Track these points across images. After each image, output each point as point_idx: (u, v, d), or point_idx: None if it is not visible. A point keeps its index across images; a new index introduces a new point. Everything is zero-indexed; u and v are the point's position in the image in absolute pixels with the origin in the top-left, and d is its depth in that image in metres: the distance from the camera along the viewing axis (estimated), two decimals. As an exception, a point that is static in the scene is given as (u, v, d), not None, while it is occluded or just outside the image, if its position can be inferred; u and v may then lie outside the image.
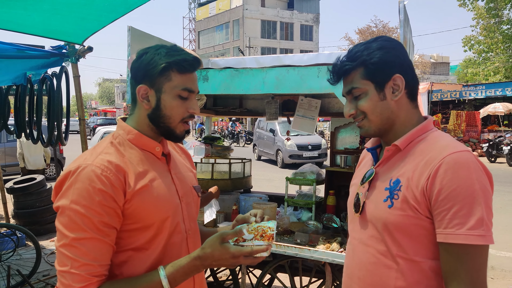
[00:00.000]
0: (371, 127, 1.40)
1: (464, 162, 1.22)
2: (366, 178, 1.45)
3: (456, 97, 23.24)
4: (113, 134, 1.45)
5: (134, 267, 1.34)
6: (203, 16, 56.90)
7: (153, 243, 1.36)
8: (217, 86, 3.03)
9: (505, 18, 28.03)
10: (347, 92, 1.42)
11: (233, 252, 1.25)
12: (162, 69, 1.36)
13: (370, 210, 1.39)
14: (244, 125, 36.23)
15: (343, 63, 1.39)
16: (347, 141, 3.88)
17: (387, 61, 1.35)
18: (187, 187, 1.52)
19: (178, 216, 1.43)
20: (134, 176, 1.34)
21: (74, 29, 3.53)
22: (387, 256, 1.33)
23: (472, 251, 1.18)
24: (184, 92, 1.39)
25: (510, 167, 15.90)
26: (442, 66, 56.56)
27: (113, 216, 1.28)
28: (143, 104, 1.41)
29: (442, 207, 1.20)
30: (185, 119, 1.43)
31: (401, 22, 2.77)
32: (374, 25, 40.12)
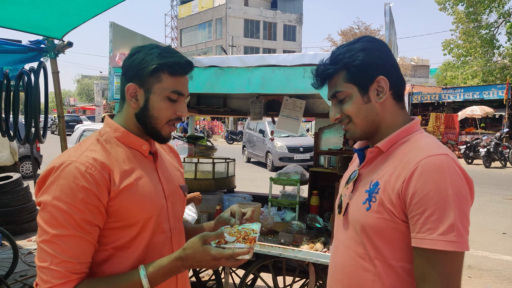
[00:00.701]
0: (357, 131, 1.39)
1: (439, 166, 1.19)
2: (350, 179, 1.44)
3: (435, 100, 23.64)
4: (99, 131, 1.43)
5: (114, 265, 1.33)
6: (186, 13, 56.54)
7: (135, 242, 1.35)
8: (201, 84, 3.00)
9: (483, 22, 28.65)
10: (331, 96, 1.40)
11: (214, 254, 1.25)
12: (153, 70, 1.35)
13: (351, 212, 1.38)
14: (227, 124, 36.18)
15: (326, 66, 1.37)
16: (331, 142, 3.88)
17: (369, 63, 1.33)
18: (173, 186, 1.51)
19: (163, 215, 1.42)
20: (120, 174, 1.32)
21: (53, 23, 3.43)
22: (365, 259, 1.32)
23: (443, 256, 1.16)
24: (174, 94, 1.38)
25: (487, 168, 16.25)
26: (422, 69, 57.48)
27: (96, 214, 1.26)
28: (131, 103, 1.40)
29: (415, 211, 1.19)
30: (172, 121, 1.41)
31: (386, 24, 2.78)
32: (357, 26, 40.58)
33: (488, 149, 16.57)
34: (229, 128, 33.95)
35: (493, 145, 16.74)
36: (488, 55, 29.44)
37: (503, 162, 16.66)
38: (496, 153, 16.65)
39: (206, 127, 34.29)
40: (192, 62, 1.41)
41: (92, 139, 1.39)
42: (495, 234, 7.02)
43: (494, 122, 23.23)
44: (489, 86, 22.88)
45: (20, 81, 4.44)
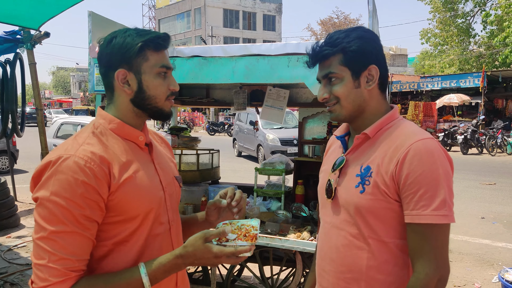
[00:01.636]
0: (342, 113, 1.44)
1: (430, 149, 1.30)
2: (337, 165, 1.49)
3: (414, 88, 23.97)
4: (93, 123, 1.38)
5: (114, 260, 1.31)
6: (163, 3, 55.79)
7: (135, 235, 1.33)
8: (184, 75, 2.96)
9: (460, 12, 29.07)
10: (323, 76, 1.44)
11: (215, 252, 1.23)
12: (139, 49, 1.32)
13: (342, 196, 1.44)
14: (208, 115, 36.01)
15: (323, 47, 1.41)
16: (315, 131, 3.89)
17: (365, 51, 1.40)
18: (169, 178, 1.49)
19: (161, 207, 1.41)
20: (119, 167, 1.29)
21: (30, 13, 3.34)
22: (359, 239, 1.39)
23: (436, 229, 1.28)
24: (163, 69, 1.37)
25: (464, 155, 16.62)
26: (400, 58, 58.11)
27: (95, 209, 1.23)
28: (124, 90, 1.36)
29: (410, 191, 1.29)
30: (169, 97, 1.40)
31: (369, 12, 2.78)
32: (336, 16, 40.75)
33: (465, 136, 16.94)
34: (210, 119, 33.81)
35: (470, 132, 17.12)
36: (464, 43, 29.97)
37: (480, 148, 17.05)
38: (473, 140, 17.04)
39: (186, 118, 34.07)
40: (169, 35, 1.41)
41: (87, 132, 1.35)
42: (473, 219, 7.19)
43: (470, 109, 23.72)
44: (465, 74, 23.30)
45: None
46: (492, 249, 5.75)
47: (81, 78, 66.16)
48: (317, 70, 1.48)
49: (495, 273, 4.77)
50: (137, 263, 1.30)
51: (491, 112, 23.02)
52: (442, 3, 29.27)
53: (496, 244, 5.95)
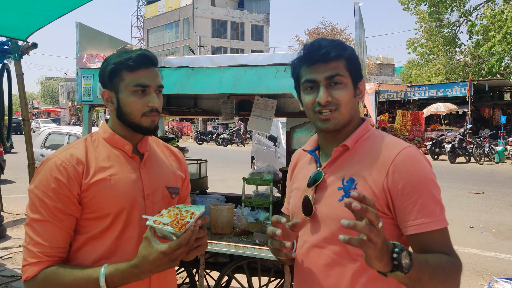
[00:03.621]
0: (340, 121, 1.37)
1: (417, 156, 1.31)
2: (315, 180, 1.41)
3: (401, 97, 24.18)
4: (92, 133, 1.60)
5: (87, 253, 1.45)
6: (152, 14, 55.88)
7: (106, 233, 1.46)
8: (172, 85, 2.96)
9: (445, 22, 29.53)
10: (326, 77, 1.34)
11: (164, 250, 1.28)
12: (111, 71, 1.49)
13: (323, 211, 1.37)
14: (196, 125, 35.95)
15: (329, 48, 1.33)
16: (302, 141, 3.90)
17: (360, 64, 1.43)
18: (158, 187, 1.58)
19: (137, 211, 1.49)
20: (95, 169, 1.46)
21: (17, 24, 3.33)
22: (343, 256, 1.32)
23: (443, 233, 1.27)
24: (137, 88, 1.48)
25: (452, 164, 16.77)
26: (387, 67, 58.75)
27: (68, 204, 1.40)
28: (109, 107, 1.54)
29: (408, 200, 1.26)
30: (146, 113, 1.50)
31: (356, 23, 2.82)
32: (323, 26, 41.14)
33: (453, 145, 17.10)
34: (199, 128, 33.77)
35: (458, 141, 17.30)
36: (451, 53, 30.39)
37: (467, 157, 17.21)
38: (461, 148, 17.20)
39: (175, 127, 33.99)
40: (146, 54, 1.50)
41: (82, 139, 1.56)
42: (462, 228, 7.23)
43: (457, 118, 23.98)
44: (452, 83, 23.59)
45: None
46: (481, 259, 5.77)
47: (70, 88, 65.75)
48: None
49: (484, 283, 4.79)
50: (107, 260, 1.43)
51: (478, 121, 23.32)
52: (428, 13, 29.71)
53: (485, 254, 5.98)
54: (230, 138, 27.07)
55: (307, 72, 1.37)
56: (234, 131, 27.96)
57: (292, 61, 1.44)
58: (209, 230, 3.32)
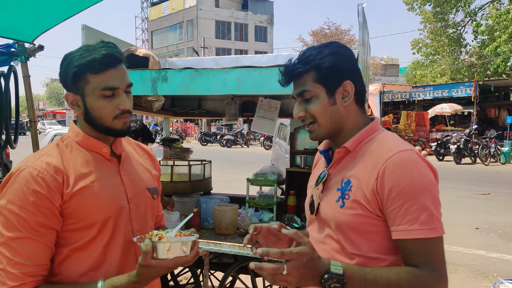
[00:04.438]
0: (321, 132, 1.42)
1: (411, 161, 1.28)
2: (320, 180, 1.48)
3: (406, 98, 24.13)
4: (62, 136, 1.48)
5: (72, 266, 1.37)
6: (156, 15, 56.03)
7: (94, 243, 1.38)
8: (176, 86, 2.97)
9: (450, 22, 29.40)
10: (297, 94, 1.42)
11: (170, 266, 1.28)
12: (74, 74, 1.36)
13: (324, 211, 1.43)
14: (200, 126, 36.01)
15: (295, 65, 1.39)
16: (306, 142, 3.91)
17: (339, 67, 1.38)
18: (139, 188, 1.53)
19: (123, 217, 1.44)
20: (75, 177, 1.36)
21: (24, 26, 3.35)
22: (341, 254, 1.37)
23: (429, 243, 1.24)
24: (106, 91, 1.37)
25: (457, 165, 16.70)
26: (392, 68, 58.60)
27: (50, 217, 1.31)
28: (75, 110, 1.43)
29: (394, 205, 1.26)
30: (118, 116, 1.41)
31: (359, 24, 2.82)
32: (327, 27, 41.06)
33: (458, 145, 17.01)
34: (203, 129, 33.82)
35: (463, 141, 17.21)
36: (456, 53, 30.24)
37: (473, 158, 17.12)
38: (466, 149, 17.11)
39: (179, 129, 34.06)
40: (114, 53, 1.38)
41: (52, 144, 1.44)
42: (468, 229, 7.20)
43: (463, 119, 23.88)
44: (457, 84, 23.51)
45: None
46: (486, 260, 5.75)
47: (75, 89, 65.79)
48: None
49: (490, 285, 4.78)
50: (96, 270, 1.37)
51: (484, 121, 23.21)
52: (432, 13, 29.58)
53: (490, 255, 5.96)
54: (234, 139, 27.10)
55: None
56: (238, 132, 28.00)
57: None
58: (213, 230, 3.34)
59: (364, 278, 1.22)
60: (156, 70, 2.96)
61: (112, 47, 1.39)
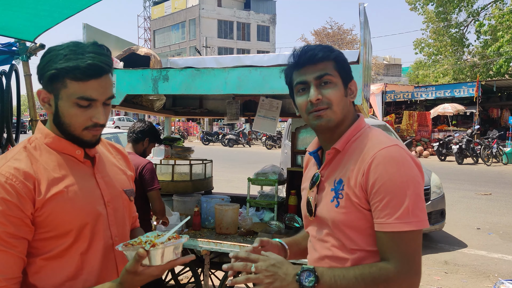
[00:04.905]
0: (333, 119, 1.41)
1: (394, 156, 1.32)
2: (314, 182, 1.50)
3: (408, 98, 24.05)
4: (29, 137, 1.37)
5: (46, 277, 1.29)
6: (159, 14, 56.06)
7: (70, 251, 1.30)
8: (177, 86, 2.97)
9: (453, 22, 29.33)
10: (317, 77, 1.40)
11: (158, 273, 1.27)
12: (51, 76, 1.27)
13: (321, 212, 1.46)
14: (202, 125, 36.03)
15: (316, 50, 1.40)
16: (307, 141, 3.91)
17: (349, 66, 1.47)
18: (115, 191, 1.45)
19: (101, 222, 1.37)
20: (47, 182, 1.27)
21: (25, 25, 3.36)
22: (342, 250, 1.40)
23: (405, 236, 1.28)
24: (82, 101, 1.28)
25: (459, 165, 16.65)
26: (394, 68, 58.53)
27: (21, 226, 1.21)
28: (45, 109, 1.33)
29: (375, 199, 1.31)
30: (88, 128, 1.32)
31: (361, 24, 2.82)
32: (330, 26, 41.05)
33: (460, 146, 16.95)
34: (205, 129, 33.84)
35: (465, 142, 17.15)
36: (458, 53, 30.17)
37: (475, 158, 17.07)
38: (468, 149, 17.05)
39: (181, 128, 34.09)
40: (99, 64, 1.28)
41: (19, 146, 1.33)
42: (469, 230, 7.18)
43: (465, 119, 23.81)
44: (459, 84, 23.41)
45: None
46: (488, 260, 5.74)
47: (77, 88, 65.94)
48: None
49: (490, 285, 4.77)
50: (74, 280, 1.30)
51: (486, 121, 23.14)
52: (435, 13, 29.50)
53: (492, 255, 5.94)
54: (236, 139, 27.10)
55: (297, 75, 1.43)
56: (240, 131, 28.00)
57: (284, 70, 1.50)
58: (214, 230, 3.34)
59: (333, 274, 1.28)
60: (157, 69, 2.96)
61: (101, 54, 1.29)
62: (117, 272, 1.41)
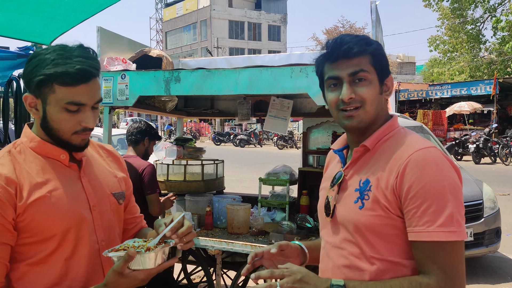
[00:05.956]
0: (365, 119, 1.33)
1: (431, 159, 1.22)
2: (336, 181, 1.41)
3: (422, 97, 23.81)
4: (15, 141, 1.37)
5: (30, 283, 1.28)
6: (170, 16, 56.44)
7: (53, 256, 1.30)
8: (189, 87, 3.01)
9: (469, 18, 28.87)
10: (351, 73, 1.31)
11: (143, 278, 1.25)
12: (39, 82, 1.26)
13: (341, 213, 1.36)
14: (214, 126, 36.17)
15: (352, 44, 1.30)
16: (319, 141, 3.91)
17: (387, 60, 1.37)
18: (102, 195, 1.44)
19: (86, 226, 1.35)
20: (29, 187, 1.27)
21: (42, 29, 3.44)
22: (361, 258, 1.30)
23: (447, 247, 1.17)
24: (71, 106, 1.27)
25: (476, 164, 16.37)
26: (408, 66, 57.92)
27: (2, 232, 1.22)
28: (32, 114, 1.33)
29: (412, 205, 1.20)
30: (78, 132, 1.32)
31: (373, 22, 2.81)
32: (342, 25, 40.76)
33: (477, 145, 16.62)
34: (216, 129, 33.95)
35: (482, 141, 16.78)
36: (475, 50, 29.68)
37: (493, 158, 16.73)
38: (486, 149, 16.69)
39: (193, 128, 34.27)
40: (88, 68, 1.28)
41: (3, 151, 1.33)
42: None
43: (482, 117, 23.40)
44: (476, 81, 23.09)
45: (9, 87, 4.43)
46: (506, 263, 5.64)
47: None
48: (316, 77, 1.41)
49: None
50: (58, 285, 1.30)
51: (504, 120, 22.75)
52: (450, 9, 29.08)
53: (510, 257, 5.83)
54: (247, 139, 27.11)
55: (330, 69, 1.34)
56: (251, 132, 28.00)
57: (316, 59, 1.40)
58: (225, 229, 3.37)
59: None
60: (169, 70, 2.99)
61: (89, 58, 1.29)
62: (103, 278, 1.37)
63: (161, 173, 3.86)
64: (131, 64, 3.26)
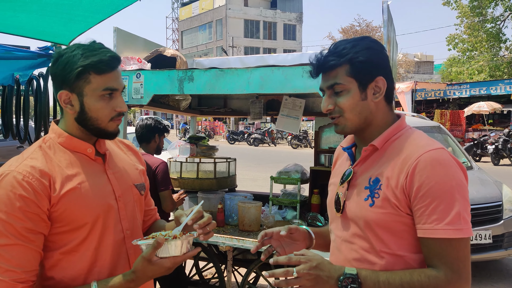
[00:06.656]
0: (347, 126, 1.41)
1: (441, 159, 1.28)
2: (345, 178, 1.46)
3: (440, 96, 23.46)
4: (44, 137, 1.45)
5: (64, 270, 1.37)
6: (186, 16, 56.76)
7: (84, 245, 1.38)
8: (202, 86, 3.06)
9: (489, 16, 28.32)
10: (328, 87, 1.40)
11: (168, 266, 1.31)
12: (78, 73, 1.34)
13: (351, 209, 1.41)
14: (228, 124, 36.29)
15: (328, 57, 1.38)
16: (331, 140, 3.92)
17: (373, 62, 1.38)
18: (126, 186, 1.52)
19: (112, 216, 1.44)
20: (61, 179, 1.35)
21: (61, 30, 3.53)
22: (371, 252, 1.36)
23: (454, 244, 1.24)
24: (106, 92, 1.38)
25: (495, 166, 16.04)
26: (426, 65, 57.17)
27: (38, 221, 1.29)
28: (67, 110, 1.41)
29: (421, 204, 1.26)
30: (114, 118, 1.42)
31: (384, 22, 2.83)
32: (358, 24, 40.41)
33: (496, 146, 16.26)
34: (230, 128, 34.06)
35: (502, 142, 16.40)
36: (495, 49, 29.09)
37: (512, 159, 16.44)
38: (505, 150, 16.29)
39: (207, 127, 34.47)
40: (117, 56, 1.41)
41: (34, 146, 1.41)
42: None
43: (502, 118, 22.90)
44: (496, 81, 22.63)
45: (30, 86, 4.55)
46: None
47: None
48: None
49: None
50: (89, 273, 1.38)
51: (525, 120, 22.28)
52: (470, 7, 28.57)
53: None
54: (261, 138, 27.10)
55: (321, 80, 1.44)
56: (266, 131, 28.01)
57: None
58: (237, 227, 3.42)
59: (377, 280, 1.26)
60: (183, 70, 3.04)
61: (109, 49, 1.41)
62: (129, 265, 1.47)
63: (175, 171, 3.93)
64: (146, 63, 3.33)
